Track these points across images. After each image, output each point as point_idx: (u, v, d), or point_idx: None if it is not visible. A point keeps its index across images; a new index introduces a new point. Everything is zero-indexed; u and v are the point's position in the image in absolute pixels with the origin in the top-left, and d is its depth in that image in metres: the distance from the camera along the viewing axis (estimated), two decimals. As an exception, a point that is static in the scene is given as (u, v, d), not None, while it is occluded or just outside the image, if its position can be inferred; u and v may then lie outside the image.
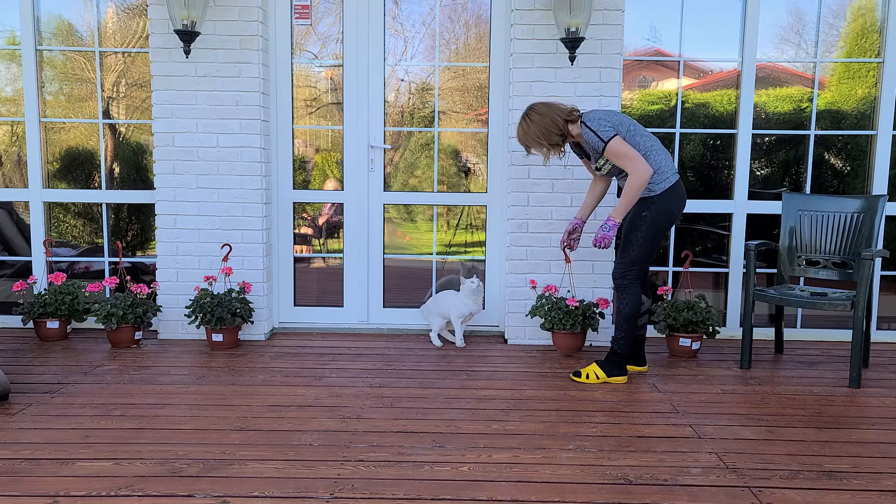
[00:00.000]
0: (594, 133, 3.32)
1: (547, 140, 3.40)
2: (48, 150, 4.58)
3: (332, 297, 4.64)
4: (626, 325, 3.49)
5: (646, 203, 3.40)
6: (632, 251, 3.43)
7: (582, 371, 3.58)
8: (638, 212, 3.41)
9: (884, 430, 2.97)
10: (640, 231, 3.41)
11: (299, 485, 2.40)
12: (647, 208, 3.39)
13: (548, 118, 3.38)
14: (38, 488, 2.35)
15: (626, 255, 3.45)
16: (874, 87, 4.45)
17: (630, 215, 3.44)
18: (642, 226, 3.40)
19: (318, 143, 4.66)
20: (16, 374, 3.55)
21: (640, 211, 3.40)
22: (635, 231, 3.42)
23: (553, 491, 2.37)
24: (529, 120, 3.41)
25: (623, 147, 3.29)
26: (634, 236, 3.42)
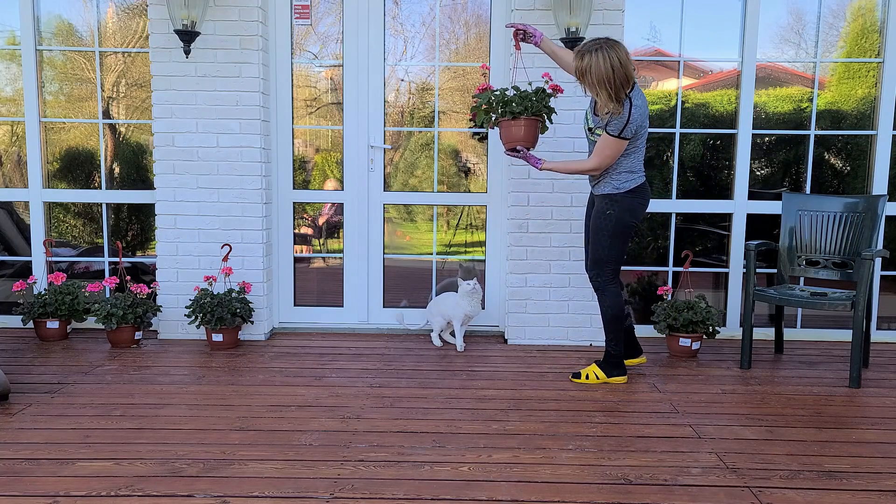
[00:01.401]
0: (623, 122, 3.21)
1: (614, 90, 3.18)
2: (48, 150, 4.58)
3: (331, 297, 4.64)
4: (615, 326, 3.49)
5: (610, 201, 3.37)
6: (601, 250, 3.41)
7: (581, 372, 3.59)
8: (602, 210, 3.40)
9: (884, 430, 2.97)
10: (606, 230, 3.39)
11: (299, 485, 2.40)
12: (611, 206, 3.37)
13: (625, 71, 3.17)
14: (38, 488, 2.35)
15: (596, 254, 3.43)
16: (874, 87, 4.45)
17: (596, 211, 3.44)
18: (608, 224, 3.38)
19: (318, 143, 4.66)
20: (16, 374, 3.55)
21: (605, 209, 3.38)
22: (602, 230, 3.40)
23: (553, 491, 2.37)
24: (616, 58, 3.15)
25: (613, 149, 3.29)
26: (601, 235, 3.40)
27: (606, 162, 3.31)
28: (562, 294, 4.28)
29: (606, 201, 3.39)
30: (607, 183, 3.38)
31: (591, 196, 3.56)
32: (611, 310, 3.46)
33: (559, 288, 4.28)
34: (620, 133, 3.23)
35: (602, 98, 3.21)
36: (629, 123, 3.22)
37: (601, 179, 3.41)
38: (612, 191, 3.37)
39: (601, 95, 3.20)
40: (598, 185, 3.44)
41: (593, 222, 3.44)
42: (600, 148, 3.31)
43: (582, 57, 3.20)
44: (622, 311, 3.49)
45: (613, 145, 3.28)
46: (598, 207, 3.42)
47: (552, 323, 4.29)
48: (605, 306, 3.47)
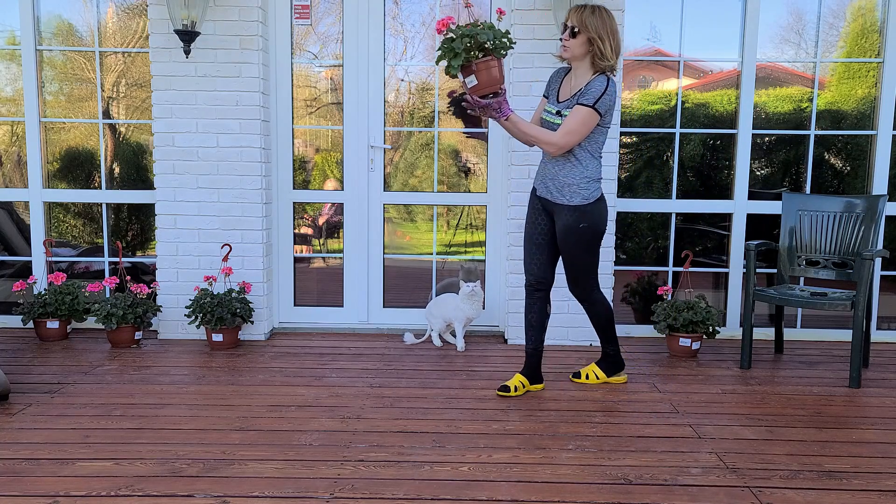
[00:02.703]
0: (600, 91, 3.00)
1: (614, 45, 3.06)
2: (48, 150, 4.58)
3: (332, 297, 4.64)
4: (609, 328, 3.45)
5: (581, 214, 3.14)
6: (581, 266, 3.25)
7: (581, 372, 3.57)
8: (573, 224, 3.15)
9: (884, 430, 2.97)
10: (582, 245, 3.19)
11: (299, 485, 2.40)
12: (583, 220, 3.14)
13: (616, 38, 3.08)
14: (38, 488, 2.35)
15: (576, 271, 3.26)
16: (874, 87, 4.45)
17: (565, 227, 3.17)
18: (584, 238, 3.17)
19: (318, 143, 4.66)
20: (16, 374, 3.55)
21: (577, 223, 3.15)
22: (578, 245, 3.19)
23: (553, 491, 2.37)
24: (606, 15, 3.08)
25: (584, 124, 3.02)
26: (579, 251, 3.20)
27: (573, 139, 3.04)
28: (562, 294, 4.27)
29: (577, 214, 3.14)
30: (576, 193, 3.13)
31: (539, 205, 3.30)
32: (603, 315, 3.40)
33: (559, 288, 4.27)
34: (595, 103, 3.00)
35: (604, 49, 3.02)
36: (605, 95, 3.01)
37: (564, 189, 3.15)
38: (583, 202, 3.14)
39: (603, 46, 3.02)
40: (560, 195, 3.16)
41: (565, 241, 3.20)
42: (570, 121, 3.03)
43: (583, 8, 3.07)
44: (612, 312, 3.45)
45: (586, 118, 3.02)
46: (568, 223, 3.16)
47: (552, 323, 4.27)
48: (595, 314, 3.40)
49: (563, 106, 3.13)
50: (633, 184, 4.60)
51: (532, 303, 3.34)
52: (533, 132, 3.07)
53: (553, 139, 3.04)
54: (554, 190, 3.18)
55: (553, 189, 3.19)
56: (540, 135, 3.07)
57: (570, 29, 3.08)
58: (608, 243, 4.24)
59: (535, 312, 3.35)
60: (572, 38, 3.08)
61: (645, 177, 4.59)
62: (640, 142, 4.60)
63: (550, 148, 3.07)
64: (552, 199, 3.20)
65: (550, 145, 3.06)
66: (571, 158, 3.13)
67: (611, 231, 4.24)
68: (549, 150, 3.09)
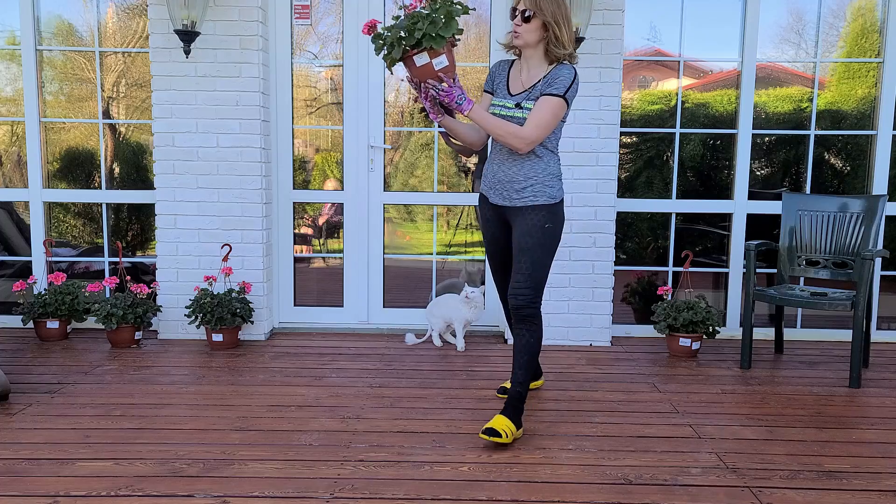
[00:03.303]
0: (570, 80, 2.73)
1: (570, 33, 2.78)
2: (48, 150, 4.58)
3: (332, 297, 4.64)
4: (536, 360, 2.90)
5: (548, 213, 2.81)
6: (541, 271, 2.82)
7: (495, 428, 2.72)
8: (539, 223, 2.80)
9: (884, 430, 2.97)
10: (546, 247, 2.82)
11: (299, 485, 2.40)
12: (549, 219, 2.81)
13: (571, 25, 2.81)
14: (38, 488, 2.35)
15: (536, 277, 2.81)
16: (874, 87, 4.45)
17: (527, 228, 2.81)
18: (548, 240, 2.82)
19: (318, 143, 4.66)
20: (16, 374, 3.54)
21: (543, 222, 2.80)
22: (540, 247, 2.81)
23: (553, 491, 2.37)
24: None
25: (555, 115, 2.72)
26: (541, 254, 2.81)
27: (544, 133, 2.73)
28: (562, 294, 4.27)
29: (543, 213, 2.81)
30: (540, 192, 2.81)
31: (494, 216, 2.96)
32: (538, 340, 2.86)
33: (559, 288, 4.28)
34: (566, 93, 2.72)
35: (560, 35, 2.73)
36: (574, 84, 2.74)
37: (526, 189, 2.82)
38: (549, 200, 2.82)
39: (559, 32, 2.73)
40: (521, 196, 2.83)
41: (526, 241, 2.80)
42: (540, 114, 2.71)
43: None
44: None
45: (557, 110, 2.72)
46: (533, 223, 2.80)
47: (552, 323, 4.29)
48: (534, 338, 2.84)
49: (521, 98, 2.80)
50: (633, 184, 4.60)
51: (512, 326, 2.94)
52: (499, 126, 2.71)
53: (524, 133, 2.71)
54: (514, 193, 2.84)
55: (513, 193, 2.84)
56: (507, 128, 2.72)
57: (522, 13, 2.75)
58: (608, 243, 4.24)
59: None
60: (525, 24, 2.74)
61: (645, 177, 4.59)
62: (640, 142, 4.60)
63: (520, 143, 2.72)
64: (512, 203, 2.85)
65: (520, 140, 2.72)
66: (531, 156, 2.82)
67: (610, 231, 4.24)
68: (518, 147, 2.73)
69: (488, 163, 2.95)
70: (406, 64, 2.60)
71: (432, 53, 2.54)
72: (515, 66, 2.91)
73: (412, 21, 2.50)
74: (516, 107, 2.80)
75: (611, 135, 4.16)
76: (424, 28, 2.49)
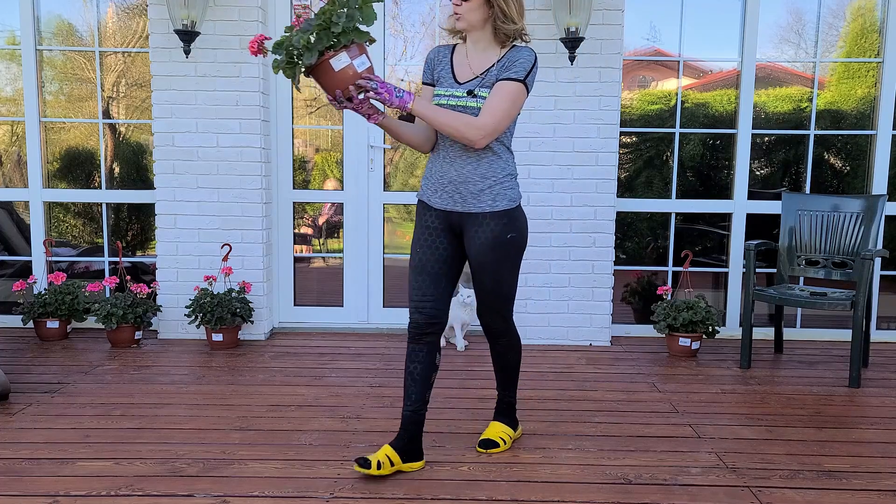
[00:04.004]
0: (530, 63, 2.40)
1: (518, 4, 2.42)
2: (48, 149, 4.58)
3: (332, 297, 4.64)
4: (517, 372, 2.78)
5: (510, 220, 2.46)
6: (508, 286, 2.53)
7: (491, 438, 2.72)
8: (501, 234, 2.45)
9: (884, 430, 2.97)
10: (511, 260, 2.50)
11: (299, 485, 2.40)
12: (512, 228, 2.46)
13: None
14: (38, 488, 2.35)
15: (504, 293, 2.53)
16: (874, 86, 4.45)
17: (488, 241, 2.45)
18: (512, 251, 2.49)
19: (318, 143, 4.66)
20: (16, 374, 3.55)
21: (504, 232, 2.45)
22: (506, 260, 2.49)
23: (553, 491, 2.38)
24: None
25: (515, 103, 2.37)
26: (505, 267, 2.49)
27: (501, 123, 2.35)
28: (562, 294, 4.28)
29: (505, 221, 2.45)
30: (500, 195, 2.44)
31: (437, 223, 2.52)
32: (517, 354, 2.71)
33: (559, 288, 4.28)
34: (527, 77, 2.38)
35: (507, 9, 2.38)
36: (534, 68, 2.41)
37: (484, 192, 2.44)
38: (510, 204, 2.46)
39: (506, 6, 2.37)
40: (477, 201, 2.44)
41: (488, 256, 2.46)
42: (497, 101, 2.36)
43: None
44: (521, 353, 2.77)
45: (517, 96, 2.37)
46: (494, 234, 2.45)
47: (552, 323, 4.29)
48: (512, 352, 2.69)
49: (473, 85, 2.42)
50: (633, 184, 4.60)
51: (417, 350, 2.53)
52: (450, 118, 2.34)
53: (480, 123, 2.33)
54: (468, 196, 2.45)
55: (467, 195, 2.45)
56: (461, 119, 2.34)
57: None
58: (607, 243, 4.24)
59: (420, 362, 2.52)
60: (465, 2, 2.39)
61: (645, 177, 4.60)
62: (639, 142, 4.61)
63: (477, 135, 2.33)
64: (465, 209, 2.46)
65: (477, 131, 2.33)
66: (487, 152, 2.44)
67: (610, 231, 4.24)
68: (474, 139, 2.34)
69: (433, 160, 2.53)
70: (319, 72, 2.19)
71: (353, 53, 2.18)
72: (458, 50, 2.52)
73: (323, 17, 2.13)
74: (468, 95, 2.41)
75: (611, 135, 4.16)
76: (342, 21, 2.12)
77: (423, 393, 2.53)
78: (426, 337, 2.51)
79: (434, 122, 2.34)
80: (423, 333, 2.51)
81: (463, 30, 2.45)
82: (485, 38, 2.44)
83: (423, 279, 2.51)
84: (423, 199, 2.56)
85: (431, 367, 2.54)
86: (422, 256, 2.52)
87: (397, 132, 2.46)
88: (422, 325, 2.50)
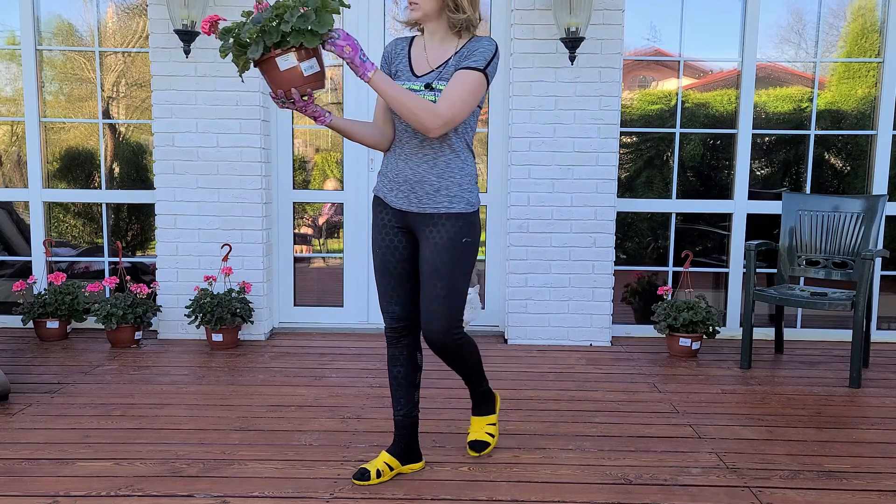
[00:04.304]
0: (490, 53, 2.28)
1: None
2: (48, 150, 4.58)
3: (332, 297, 4.64)
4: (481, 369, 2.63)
5: (465, 224, 2.34)
6: (456, 294, 2.35)
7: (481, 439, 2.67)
8: (455, 237, 2.32)
9: (884, 430, 2.97)
10: (462, 266, 2.35)
11: (299, 485, 2.40)
12: (467, 231, 2.35)
13: None
14: (38, 488, 2.35)
15: (450, 301, 2.34)
16: (874, 86, 4.45)
17: (442, 244, 2.32)
18: (466, 257, 2.35)
19: (318, 143, 4.66)
20: (16, 374, 3.54)
21: (459, 237, 2.33)
22: (456, 266, 2.33)
23: (553, 491, 2.37)
24: None
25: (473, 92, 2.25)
26: (457, 273, 2.34)
27: (458, 112, 2.22)
28: (562, 294, 4.28)
29: (460, 225, 2.33)
30: (458, 197, 2.32)
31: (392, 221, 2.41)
32: (474, 357, 2.55)
33: (559, 288, 4.28)
34: (486, 67, 2.26)
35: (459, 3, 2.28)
36: (495, 58, 2.29)
37: (440, 192, 2.32)
38: (467, 208, 2.34)
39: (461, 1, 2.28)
40: (433, 201, 2.32)
41: (440, 259, 2.32)
42: (455, 89, 2.23)
43: None
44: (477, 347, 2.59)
45: (475, 86, 2.25)
46: (448, 236, 2.32)
47: (552, 323, 4.29)
48: (468, 354, 2.51)
49: (430, 78, 2.31)
50: (633, 184, 4.60)
51: (397, 353, 2.49)
52: (408, 97, 2.18)
53: (437, 110, 2.20)
54: (423, 196, 2.33)
55: (423, 195, 2.33)
56: (419, 101, 2.19)
57: None
58: (608, 243, 4.24)
59: (401, 365, 2.49)
60: None
61: (645, 177, 4.59)
62: (640, 142, 4.60)
63: (432, 121, 2.19)
64: (420, 209, 2.34)
65: (434, 117, 2.19)
66: (446, 150, 2.32)
67: (610, 231, 4.24)
68: (429, 125, 2.20)
69: (389, 156, 2.42)
70: (265, 67, 2.09)
71: (302, 55, 2.05)
72: (416, 43, 2.42)
73: (277, 12, 2.02)
74: (426, 88, 2.29)
75: (611, 135, 4.16)
76: (293, 21, 2.00)
77: (410, 395, 2.51)
78: (402, 339, 2.48)
79: (392, 100, 2.18)
80: (398, 336, 2.48)
81: (418, 20, 2.34)
82: (441, 28, 2.34)
83: (387, 281, 2.45)
84: (378, 194, 2.44)
85: (414, 368, 2.51)
86: (382, 258, 2.44)
87: (349, 132, 2.36)
88: (395, 328, 2.47)
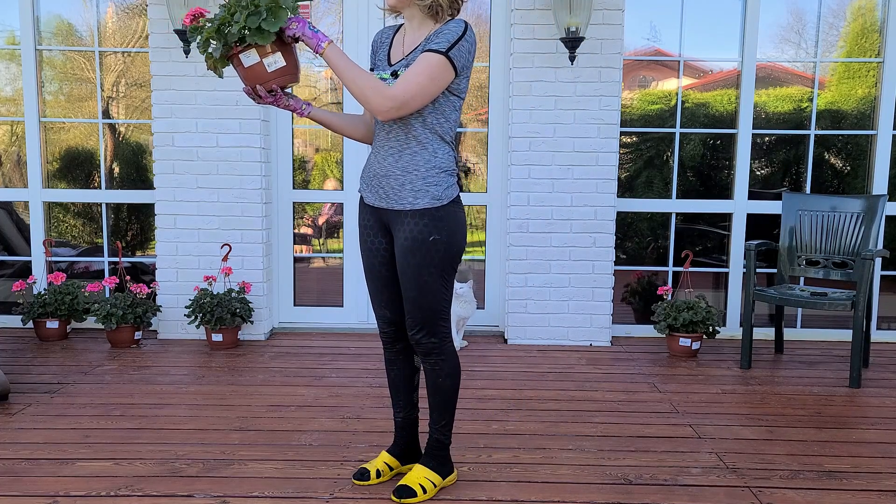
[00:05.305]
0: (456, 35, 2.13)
1: None
2: (48, 149, 4.58)
3: (332, 297, 4.64)
4: (454, 401, 2.39)
5: (432, 220, 2.20)
6: (432, 297, 2.24)
7: (408, 484, 2.33)
8: (421, 236, 2.19)
9: (884, 430, 2.97)
10: (434, 266, 2.21)
11: (299, 485, 2.39)
12: (435, 229, 2.20)
13: None
14: (38, 488, 2.35)
15: (426, 304, 2.24)
16: (874, 86, 4.45)
17: (407, 243, 2.21)
18: (436, 257, 2.21)
19: (318, 143, 4.66)
20: (16, 374, 3.54)
21: (426, 235, 2.19)
22: (427, 267, 2.21)
23: (553, 491, 2.37)
24: None
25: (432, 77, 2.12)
26: (426, 273, 2.21)
27: (412, 95, 2.10)
28: (562, 294, 4.28)
29: (426, 222, 2.19)
30: (422, 191, 2.19)
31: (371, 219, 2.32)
32: (451, 379, 2.34)
33: (559, 288, 4.28)
34: (449, 50, 2.11)
35: None
36: (463, 41, 2.13)
37: (404, 187, 2.20)
38: (433, 202, 2.19)
39: None
40: (398, 197, 2.21)
41: (407, 260, 2.22)
42: (413, 73, 2.11)
43: None
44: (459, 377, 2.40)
45: (434, 69, 2.11)
46: (413, 235, 2.20)
47: (552, 323, 4.29)
48: (443, 375, 2.33)
49: (399, 66, 2.22)
50: (633, 184, 4.60)
51: (393, 356, 2.45)
52: (359, 76, 2.10)
53: (389, 91, 2.10)
54: (390, 191, 2.23)
55: (389, 190, 2.23)
56: (369, 81, 2.10)
57: None
58: (608, 243, 4.24)
59: (398, 368, 2.46)
60: None
61: (645, 177, 4.59)
62: (640, 142, 4.60)
63: (382, 103, 2.10)
64: (388, 205, 2.24)
65: (384, 98, 2.09)
66: (412, 142, 2.21)
67: (610, 231, 4.24)
68: (379, 107, 2.11)
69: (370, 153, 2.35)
70: (234, 63, 2.10)
71: (264, 51, 2.05)
72: (401, 31, 2.33)
73: (228, 11, 2.01)
74: (392, 76, 2.21)
75: (611, 135, 4.16)
76: (242, 20, 1.97)
77: (409, 396, 2.50)
78: (397, 343, 2.43)
79: (344, 78, 2.10)
80: (392, 340, 2.43)
81: (393, 7, 2.25)
82: (418, 15, 2.22)
83: (375, 286, 2.38)
84: (360, 192, 2.37)
85: (411, 370, 2.49)
86: (366, 261, 2.37)
87: (330, 123, 2.31)
88: (388, 332, 2.42)
